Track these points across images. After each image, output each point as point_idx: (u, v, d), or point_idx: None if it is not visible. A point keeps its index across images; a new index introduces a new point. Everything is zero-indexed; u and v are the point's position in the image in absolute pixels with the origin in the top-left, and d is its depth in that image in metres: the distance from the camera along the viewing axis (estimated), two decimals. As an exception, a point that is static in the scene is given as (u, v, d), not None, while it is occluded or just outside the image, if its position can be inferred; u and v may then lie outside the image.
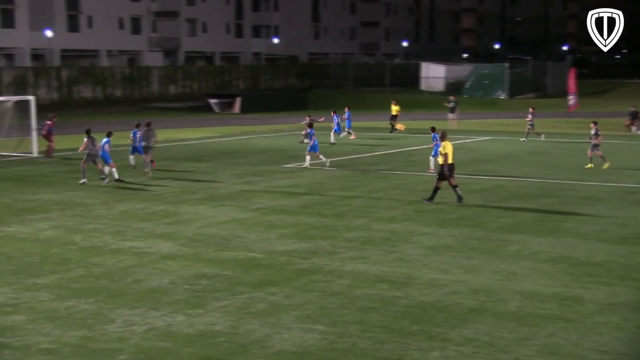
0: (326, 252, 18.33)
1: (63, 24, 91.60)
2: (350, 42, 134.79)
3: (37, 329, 13.06)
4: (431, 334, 12.92)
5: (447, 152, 24.06)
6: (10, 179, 29.63)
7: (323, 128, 47.34)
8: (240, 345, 12.44)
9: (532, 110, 45.07)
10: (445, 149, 24.17)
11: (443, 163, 24.16)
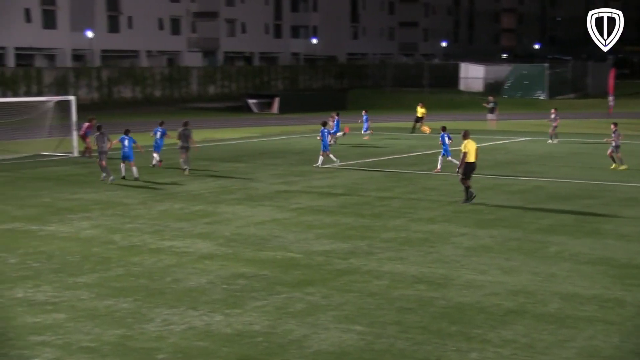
0: (364, 252, 18.30)
1: (103, 25, 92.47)
2: (388, 42, 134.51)
3: (78, 327, 13.18)
4: (469, 335, 12.84)
5: (466, 151, 24.00)
6: (50, 178, 29.97)
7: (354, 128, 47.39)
8: (278, 345, 12.45)
9: (555, 110, 44.71)
10: (465, 147, 24.10)
11: (466, 161, 24.08)
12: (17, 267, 16.93)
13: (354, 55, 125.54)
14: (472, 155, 24.17)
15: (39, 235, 20.09)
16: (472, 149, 24.18)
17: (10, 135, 36.89)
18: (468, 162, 24.17)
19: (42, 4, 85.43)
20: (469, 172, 24.31)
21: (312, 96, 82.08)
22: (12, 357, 11.95)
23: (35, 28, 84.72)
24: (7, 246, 18.83)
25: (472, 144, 24.33)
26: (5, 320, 13.53)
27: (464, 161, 24.14)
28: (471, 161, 24.16)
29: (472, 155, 24.17)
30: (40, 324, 13.31)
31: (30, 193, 26.51)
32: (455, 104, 79.80)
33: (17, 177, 30.21)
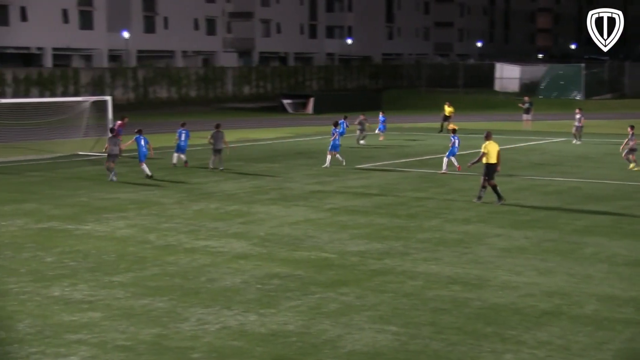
0: (399, 253, 18.25)
1: (140, 25, 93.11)
2: (423, 42, 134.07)
3: (113, 326, 13.28)
4: (504, 336, 12.75)
5: (486, 151, 24.05)
6: (87, 178, 30.22)
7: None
8: (312, 345, 12.45)
9: (579, 110, 44.27)
10: (486, 148, 24.12)
11: (487, 162, 24.11)
12: (53, 266, 17.10)
13: (389, 56, 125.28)
14: (493, 156, 24.15)
15: (75, 234, 20.28)
16: (492, 151, 24.18)
17: (47, 135, 37.25)
18: (489, 164, 24.14)
19: (79, 5, 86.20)
20: (490, 173, 24.24)
21: (346, 96, 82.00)
22: (49, 355, 12.06)
23: (72, 29, 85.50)
24: (44, 245, 19.02)
25: (494, 145, 24.32)
26: (42, 319, 13.66)
27: (480, 160, 24.19)
28: (492, 162, 24.14)
29: (493, 156, 24.15)
30: (77, 323, 13.43)
31: (67, 192, 26.76)
32: (490, 104, 79.35)
33: (54, 177, 30.53)
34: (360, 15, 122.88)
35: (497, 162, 24.28)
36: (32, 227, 21.07)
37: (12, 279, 16.10)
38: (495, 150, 24.27)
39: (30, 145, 38.46)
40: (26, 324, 13.36)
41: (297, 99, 74.99)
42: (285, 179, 29.73)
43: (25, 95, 68.48)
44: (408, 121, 60.93)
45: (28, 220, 22.01)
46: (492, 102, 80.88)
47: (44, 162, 34.53)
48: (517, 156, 37.44)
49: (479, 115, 66.14)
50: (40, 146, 36.87)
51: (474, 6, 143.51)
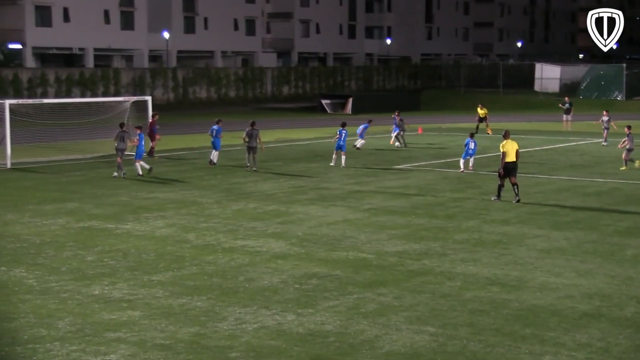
0: (437, 253, 18.19)
1: (180, 26, 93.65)
2: (463, 42, 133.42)
3: (152, 324, 13.38)
4: (543, 338, 12.66)
5: (504, 150, 24.38)
6: (128, 177, 30.46)
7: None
8: (350, 345, 12.46)
9: (607, 112, 43.70)
10: (504, 147, 24.46)
11: (505, 161, 24.41)
12: (94, 265, 17.28)
13: (428, 56, 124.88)
14: (511, 155, 24.44)
15: (115, 233, 20.47)
16: (510, 149, 24.47)
17: (88, 135, 37.61)
18: (507, 162, 24.45)
19: (121, 6, 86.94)
20: (508, 170, 24.55)
21: (385, 97, 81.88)
22: (89, 353, 12.18)
23: (113, 29, 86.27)
24: (85, 244, 19.23)
25: (512, 144, 24.59)
26: (82, 317, 13.81)
27: (504, 160, 24.44)
28: (510, 160, 24.45)
29: (511, 155, 24.44)
30: (116, 321, 13.55)
31: (108, 192, 27.02)
32: (530, 104, 78.76)
33: (95, 176, 30.83)
34: (399, 16, 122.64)
35: (516, 161, 24.58)
36: (73, 226, 21.31)
37: (53, 277, 16.30)
38: (514, 149, 24.55)
39: (72, 145, 38.88)
40: (67, 322, 13.52)
41: (336, 99, 75.00)
42: (324, 179, 29.76)
43: (67, 95, 69.27)
44: (447, 122, 60.70)
45: (69, 219, 22.26)
46: (532, 102, 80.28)
47: (85, 162, 34.89)
48: (557, 157, 37.13)
49: (519, 116, 65.66)
50: (81, 146, 37.26)
51: (514, 6, 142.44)
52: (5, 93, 64.70)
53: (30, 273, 16.60)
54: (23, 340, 12.68)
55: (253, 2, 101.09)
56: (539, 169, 32.43)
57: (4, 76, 67.75)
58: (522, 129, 51.84)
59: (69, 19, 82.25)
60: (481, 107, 50.54)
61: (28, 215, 22.86)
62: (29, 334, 12.99)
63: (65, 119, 37.37)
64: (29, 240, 19.68)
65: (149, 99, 39.97)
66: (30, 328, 13.25)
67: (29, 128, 36.74)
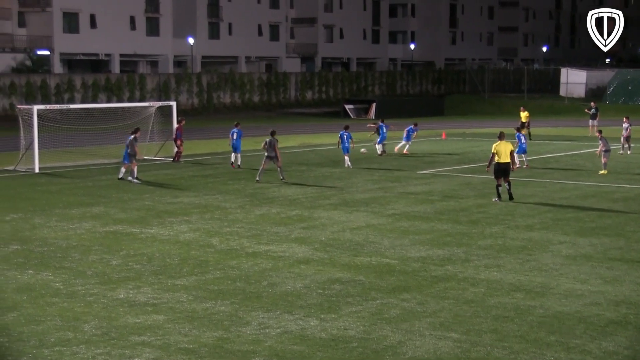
0: (460, 259, 18.14)
1: (204, 31, 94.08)
2: (487, 47, 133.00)
3: (176, 328, 13.44)
4: (569, 345, 12.58)
5: (495, 151, 25.26)
6: (153, 182, 30.64)
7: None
8: (373, 350, 12.44)
9: (627, 119, 43.21)
10: (496, 148, 25.30)
11: (497, 161, 25.27)
12: (119, 269, 17.39)
13: (452, 61, 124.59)
14: (503, 156, 25.25)
15: (140, 237, 20.58)
16: (503, 151, 25.28)
17: (114, 140, 37.80)
18: (499, 163, 25.29)
19: (146, 12, 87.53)
20: (499, 171, 25.38)
21: (409, 102, 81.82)
22: (114, 356, 12.26)
23: (139, 35, 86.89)
24: (110, 248, 19.35)
25: (505, 145, 25.40)
26: (107, 320, 13.90)
27: (493, 161, 25.38)
28: (503, 161, 25.26)
29: (503, 156, 25.25)
30: (141, 325, 13.63)
31: (133, 196, 27.18)
32: (555, 110, 78.32)
33: (120, 181, 30.99)
34: (423, 21, 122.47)
35: (510, 162, 25.40)
36: (99, 230, 21.46)
37: (79, 280, 16.42)
38: (507, 150, 25.35)
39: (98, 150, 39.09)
40: (92, 326, 13.61)
41: (360, 104, 75.01)
42: (347, 184, 29.75)
43: (94, 100, 69.85)
44: (471, 127, 60.50)
45: (95, 223, 22.41)
46: (557, 107, 79.84)
47: (111, 167, 35.07)
48: (583, 162, 36.91)
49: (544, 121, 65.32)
50: (107, 151, 37.46)
51: (539, 10, 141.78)
52: (34, 98, 65.40)
53: (57, 276, 16.74)
54: (50, 343, 12.80)
55: (277, 7, 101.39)
56: (564, 174, 32.25)
57: (33, 82, 68.48)
58: (547, 134, 51.66)
59: (95, 26, 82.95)
60: (523, 110, 49.94)
61: (55, 219, 23.05)
62: (56, 336, 13.10)
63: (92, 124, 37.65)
64: (55, 243, 19.85)
65: (174, 104, 40.19)
66: (57, 331, 13.37)
67: (56, 133, 37.04)
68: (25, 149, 34.71)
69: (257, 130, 50.92)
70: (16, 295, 15.47)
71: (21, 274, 16.96)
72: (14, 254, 18.85)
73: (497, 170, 25.46)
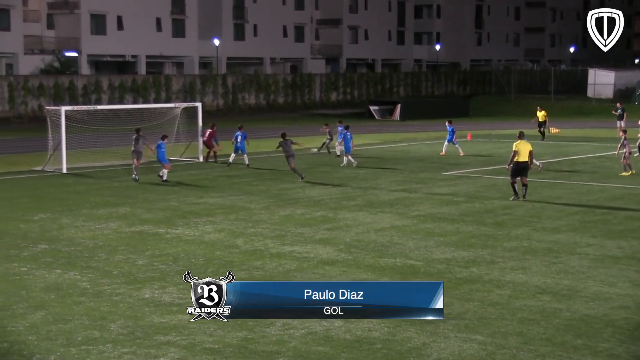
0: (485, 261, 18.06)
1: (230, 33, 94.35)
2: (513, 48, 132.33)
3: (202, 328, 13.47)
4: (596, 349, 12.49)
5: (516, 150, 25.51)
6: (178, 182, 30.76)
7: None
8: (397, 352, 12.41)
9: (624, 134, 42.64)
10: (516, 147, 25.57)
11: (516, 160, 25.54)
12: (144, 269, 17.47)
13: (478, 62, 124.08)
14: (523, 155, 25.48)
15: (165, 237, 20.67)
16: (522, 149, 25.52)
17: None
18: (517, 162, 25.59)
19: (172, 14, 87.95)
20: (519, 170, 25.66)
21: (434, 103, 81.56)
22: (140, 355, 12.32)
23: (165, 37, 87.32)
24: (136, 248, 19.45)
25: (525, 144, 25.63)
26: (133, 320, 13.97)
27: (513, 159, 25.63)
28: (522, 160, 25.54)
29: (523, 155, 25.48)
30: (166, 324, 13.68)
31: (159, 197, 27.30)
32: (583, 111, 77.77)
33: (146, 182, 31.15)
34: (448, 21, 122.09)
35: (529, 161, 25.61)
36: (125, 231, 21.58)
37: (105, 280, 16.53)
38: (527, 150, 25.56)
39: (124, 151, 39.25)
40: (119, 325, 13.70)
41: (384, 105, 74.84)
42: (372, 185, 29.72)
43: (120, 101, 70.27)
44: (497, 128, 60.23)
45: (121, 223, 22.54)
46: (584, 108, 79.27)
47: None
48: (611, 164, 36.61)
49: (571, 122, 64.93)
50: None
51: (566, 10, 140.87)
52: (62, 100, 65.93)
53: (84, 276, 16.86)
54: (77, 342, 12.92)
55: (302, 8, 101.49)
56: (591, 176, 32.03)
57: (61, 83, 69.01)
58: (574, 136, 51.33)
59: (122, 27, 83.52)
60: (540, 109, 49.60)
61: (82, 219, 23.21)
62: (83, 335, 13.21)
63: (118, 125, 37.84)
64: (82, 243, 19.99)
65: (199, 106, 40.31)
66: (84, 330, 13.48)
67: (83, 134, 37.30)
68: (53, 150, 34.99)
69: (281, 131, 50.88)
70: (44, 294, 15.61)
71: (49, 273, 17.11)
72: (42, 253, 19.01)
73: (515, 169, 25.78)
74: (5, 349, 12.70)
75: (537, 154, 40.78)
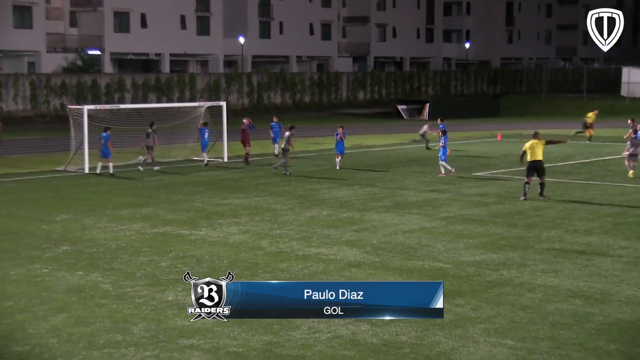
0: (516, 264, 17.70)
1: (255, 31, 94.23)
2: (545, 46, 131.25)
3: (226, 332, 13.28)
4: (630, 354, 12.15)
5: (524, 149, 25.93)
6: (202, 183, 30.62)
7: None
8: (425, 356, 12.17)
9: None
10: (527, 146, 25.86)
11: (530, 160, 25.73)
12: (168, 271, 17.28)
13: (508, 60, 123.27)
14: (535, 154, 25.65)
15: (189, 239, 20.48)
16: (535, 148, 25.68)
17: (164, 140, 37.85)
18: (531, 161, 25.73)
19: (197, 11, 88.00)
20: (533, 169, 25.77)
21: (463, 102, 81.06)
22: (163, 358, 12.19)
23: (189, 35, 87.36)
24: (160, 249, 19.27)
25: (538, 144, 25.80)
26: (156, 322, 13.80)
27: (522, 158, 26.12)
28: (536, 159, 25.67)
29: (535, 154, 25.65)
30: (190, 327, 13.49)
31: (182, 197, 27.14)
32: (616, 110, 76.82)
33: (170, 182, 31.05)
34: (478, 19, 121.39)
35: (542, 160, 25.80)
36: (148, 232, 21.41)
37: (128, 282, 16.35)
38: (540, 150, 25.77)
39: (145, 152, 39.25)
40: (141, 328, 13.53)
41: (413, 104, 74.42)
42: (399, 186, 29.40)
43: (144, 100, 70.25)
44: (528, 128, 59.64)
45: (144, 224, 22.38)
46: (618, 108, 78.33)
47: (161, 167, 35.11)
48: (642, 164, 35.98)
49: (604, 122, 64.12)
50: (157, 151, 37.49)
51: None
52: (84, 99, 66.08)
53: (106, 278, 16.71)
54: (99, 345, 12.80)
55: (329, 6, 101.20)
56: (625, 177, 31.48)
57: (83, 82, 69.08)
58: (607, 136, 50.68)
59: (146, 25, 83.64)
60: (596, 112, 49.16)
61: (105, 220, 23.08)
62: (105, 338, 13.07)
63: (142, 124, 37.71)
64: (105, 245, 19.85)
65: (224, 104, 40.14)
66: (106, 333, 13.34)
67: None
68: (75, 149, 34.94)
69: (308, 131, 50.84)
70: (66, 296, 15.47)
71: (71, 275, 16.97)
72: (64, 254, 18.88)
73: (529, 169, 25.92)
74: (27, 351, 12.58)
75: (569, 154, 40.32)
